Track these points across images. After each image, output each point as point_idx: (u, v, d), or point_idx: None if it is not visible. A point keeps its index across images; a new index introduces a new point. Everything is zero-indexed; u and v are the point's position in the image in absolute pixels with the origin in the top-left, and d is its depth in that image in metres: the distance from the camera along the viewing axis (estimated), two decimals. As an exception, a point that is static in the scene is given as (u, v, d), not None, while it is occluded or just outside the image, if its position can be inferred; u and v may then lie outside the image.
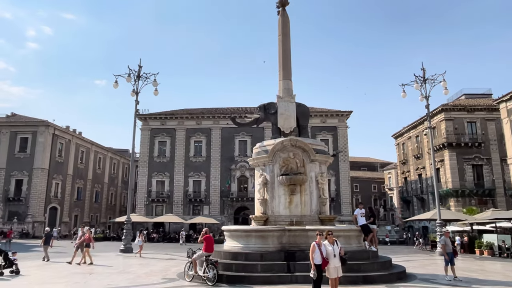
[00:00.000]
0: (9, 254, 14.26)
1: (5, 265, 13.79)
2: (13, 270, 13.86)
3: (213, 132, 52.42)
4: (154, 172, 51.68)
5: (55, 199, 52.89)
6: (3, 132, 51.32)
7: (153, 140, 52.66)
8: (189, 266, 12.61)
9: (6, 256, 13.99)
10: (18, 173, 50.10)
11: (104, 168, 66.99)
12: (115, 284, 12.21)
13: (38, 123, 51.96)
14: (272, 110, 16.55)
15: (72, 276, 13.85)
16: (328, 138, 50.51)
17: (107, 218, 65.35)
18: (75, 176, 57.56)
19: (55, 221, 51.92)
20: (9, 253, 14.38)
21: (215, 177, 51.12)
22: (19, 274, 13.80)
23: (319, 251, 9.46)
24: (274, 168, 15.10)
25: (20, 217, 47.68)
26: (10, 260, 14.01)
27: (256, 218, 14.84)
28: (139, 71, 27.51)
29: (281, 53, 17.63)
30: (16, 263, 14.13)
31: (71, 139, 56.95)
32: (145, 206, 50.83)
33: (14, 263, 14.09)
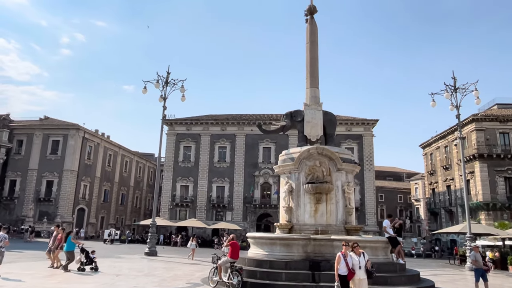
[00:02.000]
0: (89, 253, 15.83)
1: (86, 263, 15.40)
2: (92, 267, 15.45)
3: (237, 138, 52.71)
4: (178, 177, 52.35)
5: (83, 200, 54.43)
6: (36, 135, 53.38)
7: (178, 145, 53.42)
8: (213, 272, 12.67)
9: (87, 255, 15.55)
10: (49, 174, 51.89)
11: (130, 171, 68.46)
12: (142, 286, 12.40)
13: (69, 126, 53.77)
14: (298, 118, 16.51)
15: (99, 277, 14.16)
16: (353, 147, 49.85)
17: (132, 220, 66.59)
18: (102, 178, 59.09)
19: (82, 222, 53.39)
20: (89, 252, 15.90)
21: (238, 183, 51.28)
22: (98, 271, 15.31)
23: (345, 262, 9.33)
24: (300, 176, 15.02)
25: (49, 217, 49.24)
26: (90, 258, 15.61)
27: (281, 226, 14.77)
28: (167, 77, 28.06)
29: (308, 61, 17.60)
30: (95, 261, 15.71)
31: (99, 143, 58.60)
32: (169, 210, 51.50)
33: (94, 261, 15.67)
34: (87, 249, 15.94)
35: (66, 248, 15.26)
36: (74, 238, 16.06)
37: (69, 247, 15.24)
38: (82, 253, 15.52)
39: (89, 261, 15.57)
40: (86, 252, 15.60)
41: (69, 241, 15.35)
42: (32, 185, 51.68)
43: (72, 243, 15.38)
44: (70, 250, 15.20)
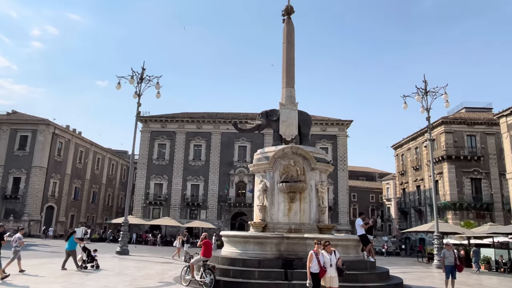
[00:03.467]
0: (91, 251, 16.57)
1: (88, 261, 16.13)
2: (93, 265, 16.12)
3: (213, 136, 52.47)
4: (152, 175, 51.62)
5: (52, 198, 52.77)
6: (3, 129, 51.33)
7: (153, 142, 52.67)
8: (186, 271, 12.57)
9: (89, 253, 16.32)
10: (16, 171, 50.05)
11: (102, 168, 66.89)
12: (112, 285, 12.16)
13: (39, 121, 52.00)
14: (274, 117, 16.60)
15: (68, 276, 13.79)
16: (328, 147, 50.58)
17: (104, 219, 65.14)
18: (73, 175, 57.47)
19: (51, 221, 51.74)
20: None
21: (213, 182, 51.08)
22: (99, 268, 16.00)
23: (317, 260, 9.46)
24: (274, 175, 15.11)
25: (16, 215, 47.54)
26: (92, 256, 16.36)
27: (255, 224, 14.82)
28: (142, 73, 27.57)
29: (285, 61, 17.72)
30: (96, 259, 16.42)
31: (70, 139, 56.94)
32: (142, 208, 50.73)
33: (95, 259, 16.39)
34: (88, 248, 16.77)
35: (68, 247, 15.61)
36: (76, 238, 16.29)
37: (70, 246, 15.64)
38: (84, 251, 16.24)
39: (91, 259, 16.26)
40: (88, 251, 16.35)
41: (72, 241, 15.70)
42: (-3, 182, 49.66)
43: (74, 242, 15.75)
44: (71, 249, 15.65)
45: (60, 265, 15.38)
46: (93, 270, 15.64)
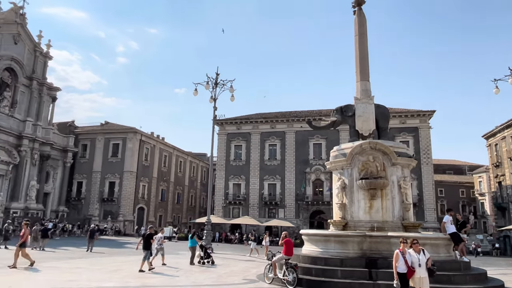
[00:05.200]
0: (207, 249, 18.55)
1: (205, 257, 17.79)
2: (209, 261, 17.79)
3: (287, 135, 52.64)
4: (230, 175, 53.34)
5: (142, 200, 57.29)
6: (98, 139, 57.02)
7: (229, 144, 54.42)
8: (269, 269, 12.82)
9: (205, 250, 17.96)
10: (111, 176, 55.21)
11: (184, 171, 70.89)
12: (200, 282, 12.86)
13: (127, 130, 56.81)
14: (349, 113, 16.17)
15: (160, 273, 14.84)
16: (409, 140, 47.80)
17: (188, 218, 68.94)
18: (159, 178, 61.77)
19: (142, 221, 56.16)
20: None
21: (290, 181, 51.23)
22: (215, 264, 17.65)
23: (403, 259, 9.03)
24: (352, 172, 14.73)
25: (113, 216, 52.41)
26: (208, 253, 18.01)
27: (335, 222, 14.58)
28: (216, 78, 28.60)
29: (358, 54, 17.17)
30: (212, 256, 18.10)
31: (155, 144, 61.31)
32: (222, 208, 52.67)
33: (211, 255, 18.04)
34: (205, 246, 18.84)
35: (190, 244, 17.96)
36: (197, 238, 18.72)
37: (192, 243, 17.87)
38: (201, 249, 17.86)
39: (207, 256, 17.82)
40: (204, 249, 17.95)
41: (193, 239, 17.97)
42: (96, 186, 55.30)
43: (194, 240, 17.89)
44: (193, 245, 17.81)
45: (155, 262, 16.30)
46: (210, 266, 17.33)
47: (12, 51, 44.86)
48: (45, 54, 50.25)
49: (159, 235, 17.07)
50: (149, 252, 14.95)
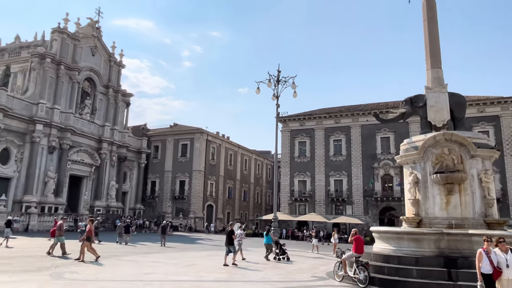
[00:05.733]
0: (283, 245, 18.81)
1: (280, 253, 18.11)
2: (284, 257, 18.04)
3: (352, 130, 51.15)
4: (295, 172, 53.16)
5: (210, 197, 59.38)
6: (168, 140, 60.16)
7: (293, 141, 54.23)
8: (338, 266, 12.58)
9: (281, 247, 18.27)
10: (181, 175, 57.94)
11: (250, 169, 72.14)
12: (269, 278, 13.00)
13: (194, 130, 59.19)
14: (420, 103, 15.24)
15: (230, 268, 15.26)
16: (489, 130, 43.87)
17: (255, 215, 70.08)
18: (226, 176, 63.56)
19: (211, 217, 58.24)
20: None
21: (356, 176, 49.76)
22: (290, 261, 17.93)
23: (488, 259, 8.31)
24: (426, 166, 13.88)
25: (184, 213, 54.97)
26: (283, 249, 18.27)
27: (408, 219, 13.86)
28: (278, 75, 28.61)
29: (427, 39, 16.12)
30: (287, 252, 18.32)
31: (221, 144, 63.17)
32: (288, 205, 52.70)
33: (286, 252, 18.25)
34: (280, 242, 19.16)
35: (266, 241, 18.57)
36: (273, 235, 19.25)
37: (267, 240, 18.46)
38: (276, 245, 18.23)
39: (282, 252, 18.17)
40: (280, 245, 18.38)
41: (268, 236, 18.46)
42: (168, 185, 58.42)
43: (269, 237, 18.43)
44: (268, 242, 18.43)
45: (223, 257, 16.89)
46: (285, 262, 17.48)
47: (91, 62, 48.95)
48: (119, 63, 54.16)
49: (239, 231, 17.73)
50: (232, 247, 15.66)
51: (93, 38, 49.50)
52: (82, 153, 46.76)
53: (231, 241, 15.70)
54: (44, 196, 40.66)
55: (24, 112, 39.89)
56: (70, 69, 44.79)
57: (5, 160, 38.50)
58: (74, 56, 45.81)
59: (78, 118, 46.39)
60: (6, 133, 38.03)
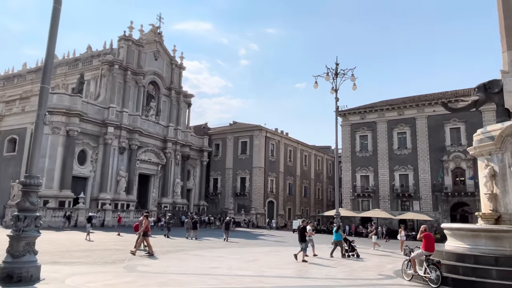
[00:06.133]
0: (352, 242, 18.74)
1: (349, 250, 18.11)
2: (354, 254, 17.99)
3: (417, 121, 48.46)
4: (357, 167, 51.64)
5: (271, 194, 59.76)
6: (228, 138, 61.53)
7: (354, 135, 52.68)
8: (407, 265, 11.97)
9: (350, 244, 18.29)
10: (242, 172, 59.00)
11: (309, 165, 71.44)
12: (333, 275, 12.74)
13: (253, 128, 59.88)
14: (495, 89, 13.94)
15: (293, 264, 15.22)
16: None
17: (316, 212, 69.31)
18: (285, 173, 63.55)
19: (272, 214, 58.61)
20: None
21: (424, 170, 47.08)
22: (360, 258, 17.88)
23: None
24: (504, 157, 12.67)
25: (246, 209, 55.91)
26: (352, 246, 18.26)
27: (485, 216, 12.77)
28: (336, 68, 27.96)
29: (502, 17, 14.66)
30: (356, 249, 18.29)
31: (280, 140, 63.26)
32: (351, 201, 51.37)
33: (355, 249, 18.25)
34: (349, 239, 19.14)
35: (335, 238, 18.45)
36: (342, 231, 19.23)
37: (337, 237, 18.34)
38: (346, 242, 18.23)
39: (351, 249, 18.03)
40: (349, 242, 18.29)
41: (338, 233, 18.36)
42: (229, 182, 59.81)
43: (339, 234, 18.35)
44: (338, 239, 18.29)
45: (285, 253, 17.03)
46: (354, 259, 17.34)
47: (154, 66, 51.53)
48: (180, 66, 56.39)
49: (308, 227, 17.61)
50: (306, 243, 15.90)
51: (155, 43, 52.02)
52: (149, 152, 49.47)
53: (303, 237, 15.89)
54: (117, 194, 43.64)
55: (97, 116, 43.07)
56: (136, 74, 47.51)
57: (82, 161, 41.90)
58: (139, 61, 48.50)
59: (144, 120, 49.09)
60: (83, 136, 41.34)
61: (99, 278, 10.31)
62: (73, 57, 52.05)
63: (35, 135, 10.22)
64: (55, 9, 10.48)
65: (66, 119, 39.46)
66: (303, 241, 15.86)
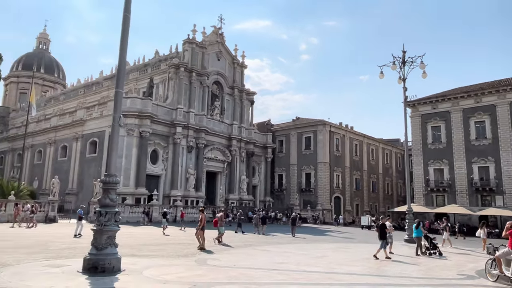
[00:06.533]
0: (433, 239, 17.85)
1: (431, 247, 17.40)
2: (435, 252, 17.12)
3: (498, 108, 44.23)
4: (430, 160, 48.55)
5: (337, 189, 58.53)
6: (292, 134, 61.33)
7: (425, 126, 49.56)
8: (491, 264, 10.99)
9: (431, 241, 17.49)
10: (306, 167, 58.53)
11: (377, 159, 68.77)
12: (408, 273, 12.10)
13: (317, 123, 59.03)
14: None
15: (363, 261, 14.73)
16: None
17: (386, 207, 66.56)
18: (351, 167, 61.83)
19: (339, 209, 57.39)
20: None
21: (507, 162, 42.88)
22: (442, 255, 16.82)
23: None
24: None
25: (311, 205, 55.35)
26: (434, 244, 17.45)
27: None
28: (403, 56, 26.58)
29: None
30: (438, 247, 17.53)
31: (344, 134, 61.69)
32: (423, 196, 48.49)
33: (437, 246, 17.52)
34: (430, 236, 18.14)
35: (415, 234, 17.59)
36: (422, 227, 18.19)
37: (417, 233, 17.45)
38: (426, 240, 17.46)
39: (433, 247, 17.25)
40: (430, 239, 17.47)
41: (419, 229, 17.46)
42: (294, 178, 59.64)
43: (420, 230, 17.45)
44: (418, 236, 17.42)
45: (354, 250, 16.53)
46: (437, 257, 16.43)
47: (217, 66, 52.97)
48: (241, 64, 57.33)
49: (387, 223, 16.96)
50: (385, 241, 15.41)
51: (217, 44, 53.42)
52: (215, 150, 51.04)
53: (384, 235, 15.36)
54: (187, 191, 45.66)
55: (166, 117, 45.36)
56: (200, 75, 49.21)
57: (154, 160, 44.43)
58: (203, 63, 50.16)
59: (209, 119, 50.71)
60: (154, 137, 43.82)
61: (173, 270, 10.82)
62: (142, 63, 55.27)
63: (112, 136, 11.00)
64: (125, 17, 11.17)
65: (139, 121, 42.11)
66: (383, 238, 15.30)
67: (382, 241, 15.28)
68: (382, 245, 15.25)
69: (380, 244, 15.29)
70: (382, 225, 15.76)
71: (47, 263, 11.05)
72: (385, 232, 15.49)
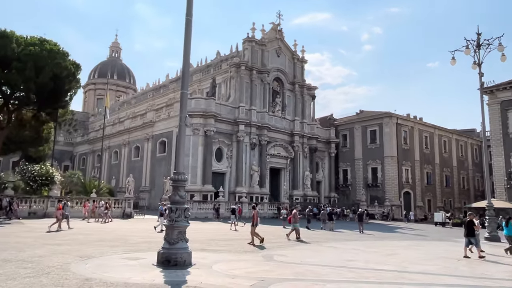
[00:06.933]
0: None
1: None
2: None
3: None
4: (511, 151, 44.31)
5: (407, 184, 55.73)
6: (356, 128, 59.49)
7: (505, 114, 45.25)
8: None
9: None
10: (372, 162, 56.49)
11: (450, 151, 64.32)
12: (490, 274, 11.14)
13: (382, 115, 56.62)
14: None
15: (438, 260, 13.85)
16: None
17: (462, 203, 62.06)
18: (422, 161, 58.48)
19: (409, 205, 54.59)
20: None
21: None
22: None
23: None
24: None
25: (379, 201, 53.34)
26: None
27: None
28: (478, 39, 24.48)
29: None
30: None
31: (413, 126, 58.48)
32: (505, 190, 44.35)
33: None
34: None
35: (507, 232, 16.20)
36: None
37: (509, 231, 16.03)
38: None
39: None
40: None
41: (510, 226, 15.96)
42: (360, 173, 57.85)
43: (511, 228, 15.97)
44: (509, 234, 16.05)
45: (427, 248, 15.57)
46: None
47: (277, 63, 53.01)
48: (301, 60, 56.76)
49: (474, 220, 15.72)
50: (474, 238, 14.37)
51: (276, 41, 53.43)
52: (278, 147, 51.22)
53: (471, 232, 14.30)
54: (251, 187, 46.39)
55: (229, 116, 46.45)
56: (260, 72, 49.62)
57: (219, 158, 45.77)
58: (263, 60, 50.49)
59: (271, 116, 50.97)
60: (218, 135, 45.12)
61: (241, 265, 11.04)
62: (205, 64, 57.04)
63: (179, 136, 11.47)
64: (187, 20, 11.57)
65: (204, 121, 43.63)
66: (472, 236, 14.22)
67: (470, 238, 14.21)
68: (472, 242, 14.24)
69: (467, 241, 14.29)
70: (470, 221, 14.60)
71: (126, 256, 11.87)
72: (473, 229, 14.32)
